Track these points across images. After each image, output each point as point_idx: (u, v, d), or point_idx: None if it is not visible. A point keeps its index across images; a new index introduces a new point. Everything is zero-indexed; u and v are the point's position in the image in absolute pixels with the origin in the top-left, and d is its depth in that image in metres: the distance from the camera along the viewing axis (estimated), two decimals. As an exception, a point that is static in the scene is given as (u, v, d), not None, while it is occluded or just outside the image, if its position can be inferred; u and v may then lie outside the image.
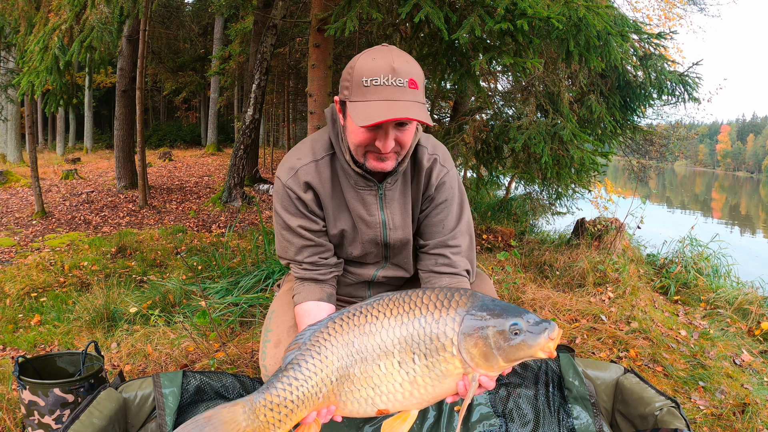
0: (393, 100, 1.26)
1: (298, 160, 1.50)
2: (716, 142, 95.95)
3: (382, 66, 1.27)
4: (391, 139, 1.32)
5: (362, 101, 1.28)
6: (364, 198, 1.49)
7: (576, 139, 4.41)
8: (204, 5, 19.94)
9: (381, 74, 1.26)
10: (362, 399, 1.21)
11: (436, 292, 1.23)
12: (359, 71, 1.29)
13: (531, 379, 1.79)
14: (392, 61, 1.27)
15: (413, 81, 1.28)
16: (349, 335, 1.22)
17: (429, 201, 1.56)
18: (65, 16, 3.57)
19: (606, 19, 3.01)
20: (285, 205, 1.50)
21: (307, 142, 1.55)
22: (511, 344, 1.14)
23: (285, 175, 1.50)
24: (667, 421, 1.46)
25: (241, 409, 1.19)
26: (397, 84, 1.26)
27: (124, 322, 3.03)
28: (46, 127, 25.66)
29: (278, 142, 21.55)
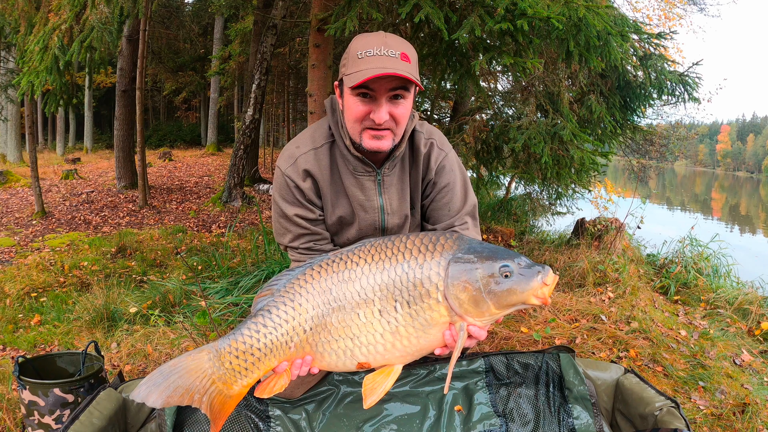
0: (385, 66, 1.30)
1: (297, 148, 1.53)
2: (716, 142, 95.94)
3: (375, 41, 1.35)
4: (384, 111, 1.36)
5: (356, 71, 1.33)
6: (363, 184, 1.51)
7: (576, 139, 4.41)
8: (204, 5, 19.92)
9: (374, 46, 1.33)
10: (340, 351, 1.14)
11: (421, 236, 1.17)
12: (354, 47, 1.37)
13: (531, 379, 1.79)
14: (385, 37, 1.36)
15: (405, 54, 1.34)
16: (327, 282, 1.15)
17: (432, 186, 1.58)
18: (65, 16, 3.57)
19: (606, 19, 3.01)
20: (283, 193, 1.52)
21: (307, 131, 1.58)
22: (502, 288, 1.06)
23: (284, 164, 1.52)
24: (667, 421, 1.46)
25: (207, 356, 1.13)
26: (389, 54, 1.32)
27: (124, 322, 3.03)
28: (46, 127, 25.66)
29: (278, 142, 21.55)
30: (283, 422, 1.63)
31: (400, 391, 1.74)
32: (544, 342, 2.74)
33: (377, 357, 1.13)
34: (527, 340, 2.73)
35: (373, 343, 1.12)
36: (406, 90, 1.37)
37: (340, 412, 1.66)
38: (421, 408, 1.71)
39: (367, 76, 1.28)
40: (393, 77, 1.31)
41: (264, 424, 1.63)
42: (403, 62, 1.33)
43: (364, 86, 1.33)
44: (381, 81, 1.32)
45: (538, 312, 3.18)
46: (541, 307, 1.70)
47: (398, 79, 1.33)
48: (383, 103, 1.36)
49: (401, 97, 1.38)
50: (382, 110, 1.36)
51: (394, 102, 1.37)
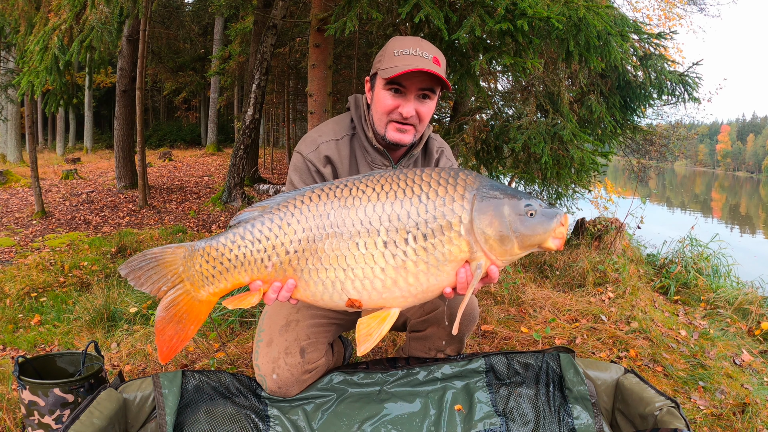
0: (419, 64, 1.41)
1: (320, 136, 1.59)
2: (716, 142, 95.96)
3: (411, 42, 1.47)
4: (412, 106, 1.47)
5: (391, 66, 1.44)
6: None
7: (576, 139, 4.41)
8: (204, 5, 19.92)
9: (409, 47, 1.45)
10: (329, 281, 1.04)
11: (438, 170, 1.11)
12: (391, 47, 1.48)
13: (532, 379, 1.79)
14: (420, 41, 1.48)
15: (437, 59, 1.46)
16: (326, 206, 1.06)
17: None
18: (65, 16, 3.57)
19: (606, 19, 3.01)
20: (303, 177, 1.55)
21: (328, 123, 1.65)
22: (527, 226, 1.02)
23: (306, 149, 1.56)
24: (666, 421, 1.46)
25: (182, 253, 1.12)
26: (423, 56, 1.44)
27: (124, 322, 3.03)
28: (46, 127, 25.66)
29: (278, 142, 21.56)
30: (282, 422, 1.63)
31: (400, 390, 1.74)
32: (544, 342, 2.74)
33: (372, 295, 1.04)
34: (527, 340, 2.73)
35: (370, 278, 1.02)
36: (433, 92, 1.50)
37: (340, 411, 1.66)
38: (422, 407, 1.71)
39: (403, 70, 1.39)
40: (425, 75, 1.43)
41: (263, 423, 1.63)
42: (435, 65, 1.45)
43: (397, 81, 1.45)
44: (413, 78, 1.44)
45: (538, 312, 3.18)
46: (555, 251, 1.76)
47: (429, 79, 1.45)
48: (411, 100, 1.47)
49: (428, 97, 1.50)
50: (410, 105, 1.47)
51: (422, 100, 1.49)
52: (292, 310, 1.64)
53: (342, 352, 1.94)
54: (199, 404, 1.62)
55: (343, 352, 1.96)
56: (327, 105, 4.03)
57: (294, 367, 1.58)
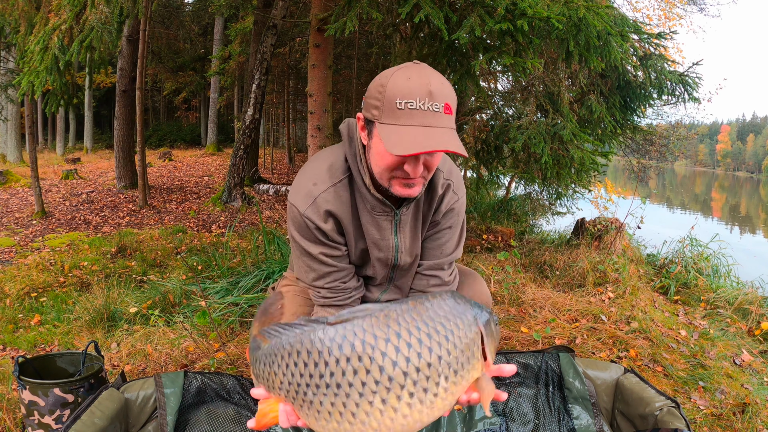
0: (429, 127, 1.17)
1: (315, 185, 1.39)
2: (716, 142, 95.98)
3: (419, 88, 1.17)
4: (421, 165, 1.25)
5: (395, 125, 1.18)
6: (380, 223, 1.44)
7: (576, 139, 4.41)
8: (204, 5, 19.93)
9: (417, 97, 1.17)
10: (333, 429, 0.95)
11: (428, 301, 1.02)
12: (392, 91, 1.19)
13: (531, 379, 1.79)
14: (429, 83, 1.17)
15: (449, 106, 1.20)
16: (330, 366, 0.91)
17: (434, 225, 1.53)
18: (65, 16, 3.57)
19: (606, 19, 3.01)
20: (303, 233, 1.42)
21: (322, 162, 1.43)
22: (498, 332, 1.07)
23: (302, 204, 1.38)
24: (667, 421, 1.46)
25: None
26: (433, 109, 1.17)
27: (124, 322, 3.03)
28: (46, 127, 25.66)
29: (278, 142, 21.56)
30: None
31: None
32: (544, 342, 2.74)
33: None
34: (527, 340, 2.73)
35: (389, 426, 0.93)
36: None
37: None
38: (421, 408, 1.71)
39: (413, 152, 1.14)
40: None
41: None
42: (446, 116, 1.20)
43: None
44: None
45: (538, 312, 3.18)
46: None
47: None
48: (420, 157, 1.25)
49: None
50: (419, 165, 1.25)
51: (431, 153, 1.26)
52: (290, 319, 1.60)
53: None
54: (200, 405, 1.62)
55: None
56: (327, 105, 4.03)
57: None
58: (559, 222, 7.69)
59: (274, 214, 6.78)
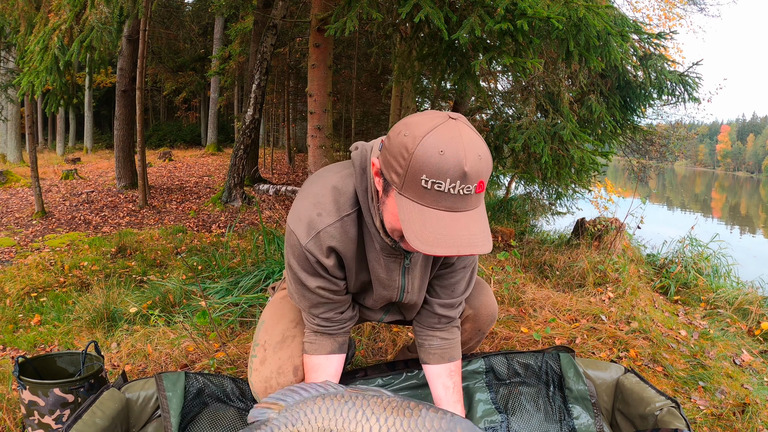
0: (457, 212, 1.02)
1: (319, 216, 1.25)
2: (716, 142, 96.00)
3: (452, 166, 0.98)
4: None
5: (418, 204, 1.03)
6: (388, 264, 1.36)
7: (576, 139, 4.42)
8: (204, 5, 19.93)
9: (448, 178, 0.99)
10: None
11: (430, 415, 1.15)
12: (419, 164, 0.99)
13: (531, 379, 1.79)
14: (464, 161, 0.98)
15: (482, 184, 1.03)
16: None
17: (448, 265, 1.47)
18: (65, 16, 3.57)
19: (606, 19, 3.01)
20: (302, 264, 1.32)
21: (329, 191, 1.28)
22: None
23: (304, 236, 1.26)
24: (667, 421, 1.46)
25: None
26: (464, 192, 1.01)
27: (124, 322, 3.03)
28: (46, 127, 25.66)
29: (278, 142, 21.56)
30: (284, 422, 1.63)
31: (400, 390, 1.74)
32: (544, 342, 2.74)
33: None
34: (527, 340, 2.73)
35: None
36: None
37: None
38: (422, 408, 1.71)
39: (433, 253, 1.01)
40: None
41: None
42: (476, 196, 1.04)
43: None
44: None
45: (538, 312, 3.18)
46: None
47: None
48: None
49: None
50: None
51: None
52: (289, 325, 1.57)
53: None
54: (201, 407, 1.62)
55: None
56: (327, 105, 4.03)
57: (286, 387, 1.53)
58: (559, 222, 7.70)
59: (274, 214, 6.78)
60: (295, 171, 14.13)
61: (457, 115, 1.07)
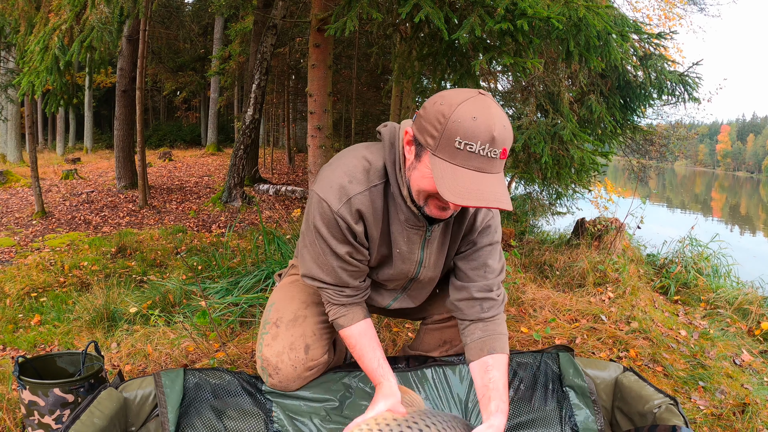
0: (484, 173, 1.15)
1: (350, 184, 1.34)
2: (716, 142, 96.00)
3: (484, 131, 1.12)
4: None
5: (450, 163, 1.15)
6: (410, 236, 1.41)
7: (576, 139, 4.41)
8: (204, 5, 19.93)
9: (479, 141, 1.12)
10: None
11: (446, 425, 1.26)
12: (455, 128, 1.13)
13: (531, 378, 1.79)
14: (494, 127, 1.12)
15: (506, 151, 1.17)
16: None
17: (471, 244, 1.49)
18: (65, 16, 3.57)
19: (606, 19, 3.01)
20: (333, 231, 1.37)
21: (358, 160, 1.37)
22: None
23: (336, 201, 1.33)
24: (665, 418, 1.47)
25: None
26: (491, 155, 1.14)
27: (124, 322, 3.03)
28: (46, 127, 25.66)
29: (278, 142, 21.56)
30: (284, 420, 1.63)
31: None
32: (544, 342, 2.74)
33: None
34: (527, 340, 2.73)
35: None
36: None
37: (346, 414, 1.66)
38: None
39: (464, 204, 1.12)
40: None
41: (266, 421, 1.63)
42: (500, 161, 1.16)
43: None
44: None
45: (538, 312, 3.18)
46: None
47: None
48: None
49: None
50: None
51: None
52: (301, 306, 1.63)
53: (344, 351, 1.94)
54: (200, 402, 1.62)
55: (345, 352, 1.96)
56: (327, 105, 4.03)
57: (297, 362, 1.58)
58: (559, 222, 7.70)
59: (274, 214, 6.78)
60: (295, 171, 14.13)
61: (485, 92, 1.20)
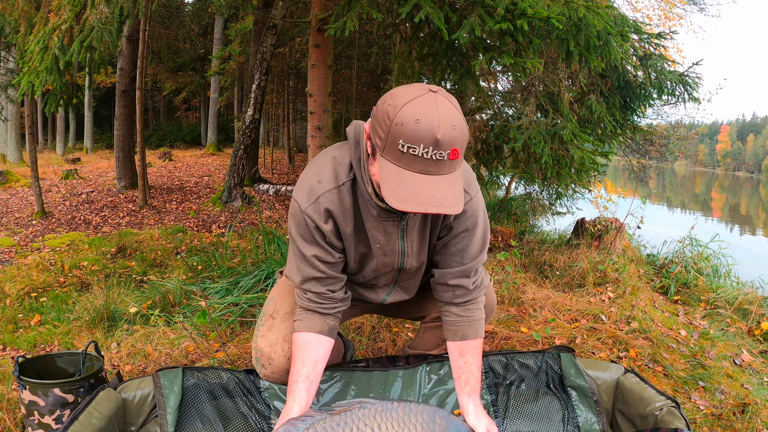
0: (430, 175, 1.13)
1: (319, 183, 1.36)
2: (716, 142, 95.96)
3: (426, 135, 1.09)
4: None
5: (395, 165, 1.14)
6: (387, 228, 1.40)
7: (576, 139, 4.41)
8: (204, 5, 19.94)
9: (422, 144, 1.10)
10: None
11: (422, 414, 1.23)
12: (397, 130, 1.11)
13: (532, 378, 1.79)
14: (437, 129, 1.09)
15: (456, 151, 1.13)
16: None
17: (447, 229, 1.47)
18: (65, 16, 3.57)
19: (606, 19, 3.01)
20: (301, 231, 1.39)
21: (329, 161, 1.39)
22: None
23: (304, 201, 1.36)
24: (667, 421, 1.46)
25: None
26: (437, 158, 1.11)
27: (124, 322, 3.03)
28: (46, 127, 25.66)
29: (278, 142, 21.56)
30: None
31: (400, 390, 1.74)
32: (544, 342, 2.74)
33: None
34: (527, 340, 2.73)
35: None
36: None
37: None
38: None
39: (403, 209, 1.12)
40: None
41: (265, 420, 1.63)
42: (450, 162, 1.13)
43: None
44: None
45: (538, 312, 3.18)
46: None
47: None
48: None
49: None
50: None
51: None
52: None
53: (341, 351, 1.94)
54: (199, 403, 1.62)
55: (343, 351, 1.96)
56: (327, 105, 4.03)
57: (290, 354, 1.56)
58: (559, 222, 7.70)
59: (274, 214, 6.78)
60: (295, 171, 14.13)
61: (437, 88, 1.17)
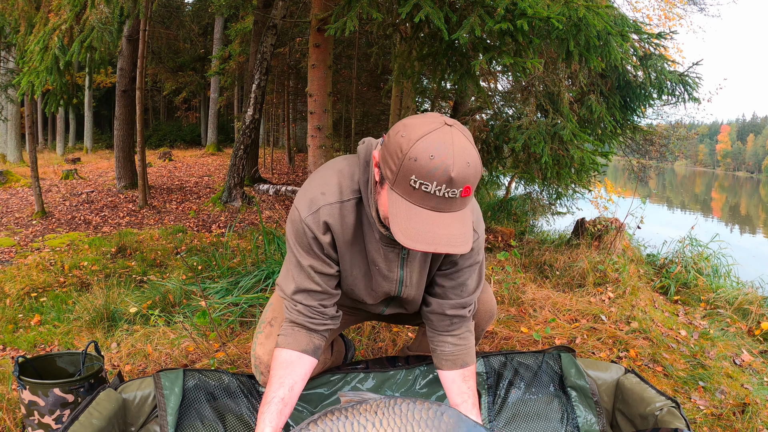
0: (441, 212, 1.10)
1: (323, 195, 1.32)
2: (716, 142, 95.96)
3: (440, 172, 1.06)
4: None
5: (406, 200, 1.11)
6: (387, 255, 1.39)
7: (576, 139, 4.41)
8: (204, 5, 19.93)
9: (435, 182, 1.06)
10: None
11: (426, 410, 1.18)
12: (410, 165, 1.07)
13: (532, 379, 1.79)
14: (452, 166, 1.05)
15: (468, 188, 1.11)
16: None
17: (452, 264, 1.47)
18: (65, 16, 3.57)
19: (606, 19, 3.01)
20: (299, 240, 1.36)
21: (335, 174, 1.35)
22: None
23: (305, 210, 1.33)
24: (667, 421, 1.46)
25: None
26: (449, 195, 1.08)
27: (124, 322, 3.03)
28: (46, 127, 25.66)
29: (278, 142, 21.56)
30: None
31: (399, 393, 1.74)
32: (544, 342, 2.74)
33: None
34: (527, 340, 2.73)
35: None
36: None
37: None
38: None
39: (412, 247, 1.09)
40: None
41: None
42: (461, 200, 1.11)
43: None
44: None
45: (538, 312, 3.18)
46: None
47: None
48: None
49: None
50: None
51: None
52: None
53: (342, 352, 1.94)
54: (200, 404, 1.62)
55: (344, 352, 1.96)
56: (327, 105, 4.03)
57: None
58: (559, 222, 7.70)
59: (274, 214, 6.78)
60: (295, 171, 14.13)
61: (453, 121, 1.12)
